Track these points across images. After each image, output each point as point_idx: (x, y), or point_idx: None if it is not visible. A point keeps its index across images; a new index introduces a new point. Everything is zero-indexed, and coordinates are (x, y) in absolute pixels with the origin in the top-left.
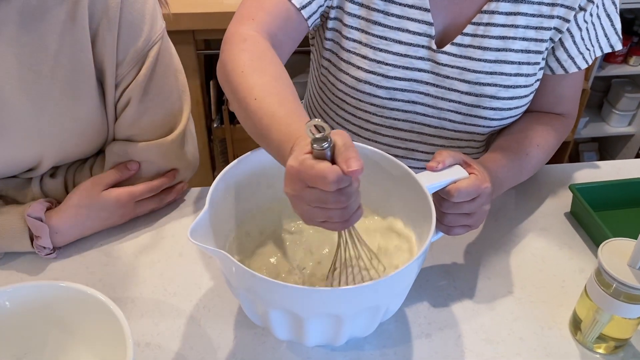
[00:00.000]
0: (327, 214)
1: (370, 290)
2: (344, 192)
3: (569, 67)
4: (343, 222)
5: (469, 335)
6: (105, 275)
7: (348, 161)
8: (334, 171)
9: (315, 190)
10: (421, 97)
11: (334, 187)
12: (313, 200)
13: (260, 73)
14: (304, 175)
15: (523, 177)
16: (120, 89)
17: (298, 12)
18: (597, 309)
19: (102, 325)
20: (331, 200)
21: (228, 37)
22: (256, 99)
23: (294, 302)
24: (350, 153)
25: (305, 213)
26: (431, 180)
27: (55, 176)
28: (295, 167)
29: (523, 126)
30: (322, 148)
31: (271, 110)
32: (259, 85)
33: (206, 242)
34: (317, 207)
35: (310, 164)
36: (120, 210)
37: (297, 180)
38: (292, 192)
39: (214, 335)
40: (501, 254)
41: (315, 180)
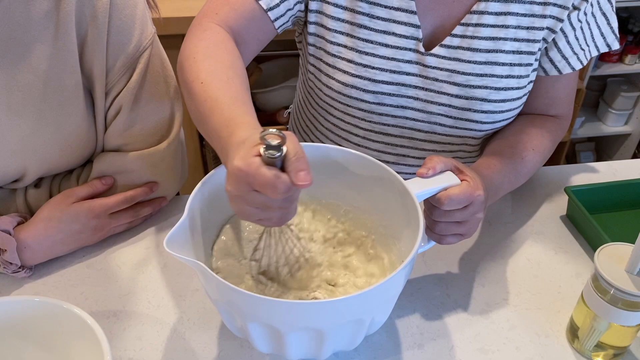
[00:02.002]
0: (267, 215)
1: (352, 302)
2: (288, 199)
3: (563, 68)
4: (281, 221)
5: (463, 345)
6: (87, 289)
7: (298, 174)
8: (283, 182)
9: (261, 195)
10: (410, 102)
11: (282, 196)
12: (256, 203)
13: (212, 60)
14: (252, 179)
15: (519, 182)
16: (111, 97)
17: (264, 13)
18: (595, 316)
19: (81, 341)
20: (275, 206)
21: (190, 29)
22: (202, 82)
23: (271, 315)
24: (301, 165)
25: (244, 212)
26: (421, 187)
27: (40, 186)
28: (243, 169)
29: (517, 129)
30: (274, 157)
31: (215, 94)
32: (208, 70)
33: (184, 251)
34: (258, 209)
35: (259, 169)
36: (93, 221)
37: (243, 182)
38: (235, 193)
39: (198, 349)
40: (496, 260)
41: (264, 187)
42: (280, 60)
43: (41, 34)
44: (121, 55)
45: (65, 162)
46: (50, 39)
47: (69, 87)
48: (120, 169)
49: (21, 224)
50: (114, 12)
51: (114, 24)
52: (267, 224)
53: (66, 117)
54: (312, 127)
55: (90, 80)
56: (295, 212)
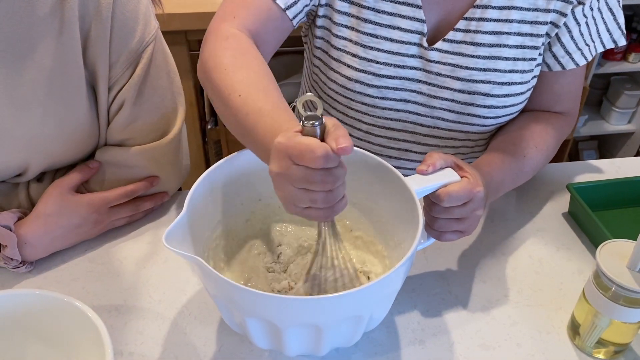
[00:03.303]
0: (311, 197)
1: (350, 299)
2: (330, 173)
3: (567, 64)
4: (327, 208)
5: (464, 341)
6: (88, 283)
7: (338, 139)
8: (322, 146)
9: (302, 167)
10: (413, 96)
11: (321, 163)
12: (298, 179)
13: (244, 70)
14: (291, 150)
15: (521, 180)
16: (114, 91)
17: (282, 12)
18: (596, 313)
19: (82, 335)
20: (318, 179)
21: (209, 35)
22: (240, 95)
23: (269, 311)
24: (339, 132)
25: (289, 196)
26: (420, 183)
27: (42, 180)
28: (283, 142)
29: (520, 126)
30: (313, 125)
31: (257, 106)
32: (243, 82)
33: (183, 246)
34: (302, 189)
35: (299, 139)
36: (93, 216)
37: (283, 156)
38: (277, 170)
39: (199, 344)
40: (497, 256)
41: (303, 154)
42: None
43: (46, 29)
44: (124, 50)
45: (68, 156)
46: (55, 35)
47: (73, 82)
48: (122, 163)
49: (21, 220)
50: (117, 7)
51: (118, 19)
52: (314, 213)
53: (70, 112)
54: None
55: (94, 75)
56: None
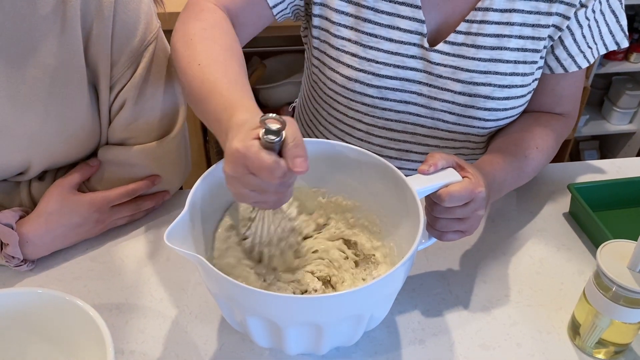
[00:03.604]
0: (263, 198)
1: (350, 298)
2: (284, 184)
3: (569, 66)
4: (276, 205)
5: (465, 341)
6: (90, 282)
7: (295, 160)
8: (280, 167)
9: (257, 178)
10: (414, 97)
11: (278, 181)
12: (252, 185)
13: (209, 41)
14: (249, 162)
15: (522, 181)
16: (115, 90)
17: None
18: (596, 313)
19: (84, 333)
20: (271, 190)
21: (186, 7)
22: (200, 64)
23: (270, 310)
24: (298, 151)
25: (240, 194)
26: (422, 183)
27: (44, 179)
28: (241, 151)
29: (521, 127)
30: (272, 142)
31: (213, 77)
32: (205, 52)
33: (185, 245)
34: (255, 192)
35: (257, 153)
36: (95, 215)
37: (240, 164)
38: (232, 174)
39: (200, 342)
40: (498, 257)
41: (261, 171)
42: (284, 56)
43: (48, 28)
44: (126, 49)
45: (69, 155)
46: (57, 34)
47: (75, 81)
48: (123, 162)
49: (23, 218)
50: (119, 6)
51: (119, 18)
52: (263, 206)
53: (71, 111)
54: (316, 121)
55: (95, 74)
56: (290, 196)
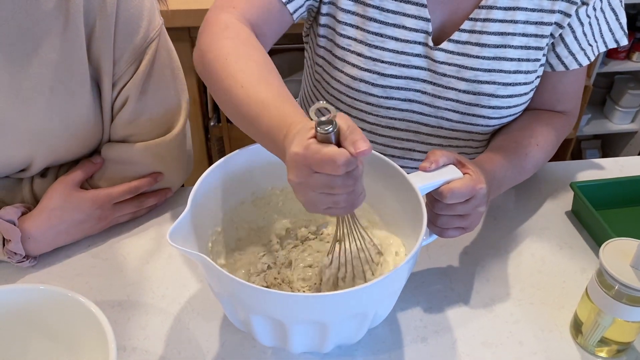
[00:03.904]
0: (334, 199)
1: (355, 296)
2: (351, 176)
3: (570, 64)
4: (348, 206)
5: (467, 339)
6: (92, 278)
7: (355, 143)
8: (342, 154)
9: (323, 175)
10: (418, 96)
11: (343, 170)
12: (320, 186)
13: (245, 60)
14: (310, 160)
15: (522, 178)
16: (118, 87)
17: (282, 6)
18: (599, 312)
19: (86, 330)
20: (339, 184)
21: (207, 25)
22: (243, 86)
23: (275, 309)
24: (356, 135)
25: (311, 200)
26: (423, 180)
27: (46, 176)
28: (300, 153)
29: (522, 125)
30: (327, 132)
31: (260, 97)
32: (245, 72)
33: (187, 244)
34: (324, 193)
35: (316, 148)
36: (97, 212)
37: (302, 166)
38: (297, 180)
39: (202, 339)
40: (500, 255)
41: (323, 164)
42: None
43: (51, 25)
44: (128, 46)
45: (71, 152)
46: (60, 31)
47: (77, 78)
48: (126, 159)
49: (25, 214)
50: (122, 3)
51: (122, 15)
52: (335, 211)
53: (74, 108)
54: None
55: (98, 71)
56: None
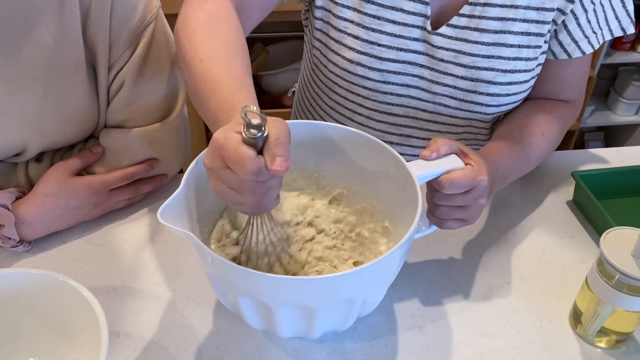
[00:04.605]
0: (240, 199)
1: (342, 280)
2: (262, 184)
3: (573, 52)
4: (255, 209)
5: (464, 327)
6: (86, 264)
7: (275, 159)
8: (254, 162)
9: (233, 173)
10: (415, 81)
11: (251, 178)
12: (228, 181)
13: (212, 35)
14: (225, 153)
15: (527, 169)
16: (114, 71)
17: None
18: (599, 301)
19: (78, 315)
20: (247, 188)
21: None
22: (202, 60)
23: (260, 290)
24: (279, 150)
25: (219, 191)
26: (423, 169)
27: (41, 160)
28: (219, 142)
29: (526, 114)
30: (254, 137)
31: (216, 75)
32: (208, 47)
33: (179, 223)
34: (232, 189)
35: (235, 145)
36: (92, 198)
37: (217, 156)
38: (209, 165)
39: (196, 326)
40: (499, 244)
41: (234, 163)
42: (287, 42)
43: (45, 7)
44: (125, 29)
45: (67, 136)
46: (55, 13)
47: (72, 61)
48: (122, 144)
49: (19, 199)
50: None
51: None
52: (242, 209)
53: (69, 92)
54: (316, 105)
55: (94, 54)
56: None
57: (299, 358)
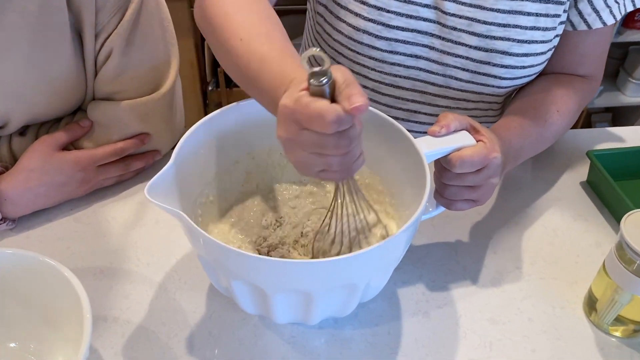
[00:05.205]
0: (326, 161)
1: (343, 265)
2: (344, 136)
3: (593, 22)
4: (343, 170)
5: (472, 314)
6: (74, 243)
7: (351, 97)
8: (333, 109)
9: (312, 132)
10: (425, 51)
11: (334, 128)
12: (309, 145)
13: (246, 12)
14: (299, 115)
15: (541, 147)
16: (101, 39)
17: None
18: (617, 288)
19: (61, 298)
20: (331, 144)
21: None
22: (242, 39)
23: (255, 274)
24: (352, 89)
25: (301, 161)
26: (431, 146)
27: (25, 134)
28: (289, 106)
29: (541, 88)
30: (321, 84)
31: (260, 52)
32: (245, 25)
33: (168, 200)
34: (314, 154)
35: (306, 101)
36: (80, 174)
37: (291, 121)
38: (285, 136)
39: (188, 310)
40: (509, 226)
41: (312, 120)
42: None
43: None
44: None
45: (52, 108)
46: None
47: (56, 28)
48: (111, 118)
49: (1, 174)
50: None
51: None
52: (330, 175)
53: (53, 60)
54: None
55: (79, 21)
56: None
57: (296, 345)
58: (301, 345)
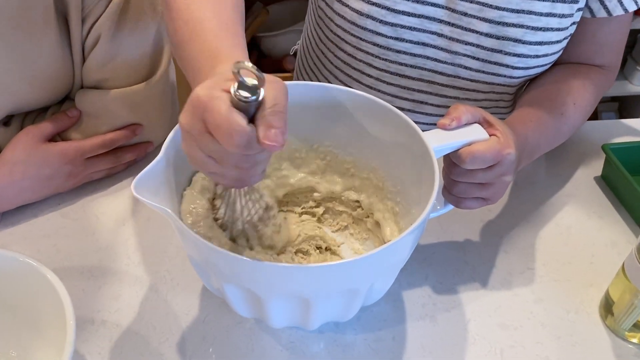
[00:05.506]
0: (220, 171)
1: (344, 270)
2: (249, 158)
3: (614, 9)
4: (237, 183)
5: (481, 319)
6: (60, 240)
7: (269, 131)
8: (245, 133)
9: (215, 141)
10: (433, 38)
11: (239, 152)
12: (208, 149)
13: None
14: (209, 116)
15: (557, 142)
16: (88, 23)
17: None
18: (637, 292)
19: (43, 300)
20: (231, 162)
21: None
22: (188, 5)
23: (249, 279)
24: (276, 121)
25: (194, 158)
26: (441, 140)
27: (10, 124)
28: (203, 101)
29: (557, 79)
30: (246, 100)
31: (200, 17)
32: None
33: (157, 197)
34: (211, 158)
35: (222, 108)
36: (67, 167)
37: (197, 117)
38: (186, 127)
39: (181, 313)
40: (520, 224)
41: (219, 131)
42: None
43: None
44: None
45: (37, 98)
46: None
47: (40, 12)
48: (100, 108)
49: None
50: None
51: None
52: (220, 181)
53: (37, 47)
54: (320, 65)
55: (64, 3)
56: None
57: (295, 350)
58: (300, 351)
